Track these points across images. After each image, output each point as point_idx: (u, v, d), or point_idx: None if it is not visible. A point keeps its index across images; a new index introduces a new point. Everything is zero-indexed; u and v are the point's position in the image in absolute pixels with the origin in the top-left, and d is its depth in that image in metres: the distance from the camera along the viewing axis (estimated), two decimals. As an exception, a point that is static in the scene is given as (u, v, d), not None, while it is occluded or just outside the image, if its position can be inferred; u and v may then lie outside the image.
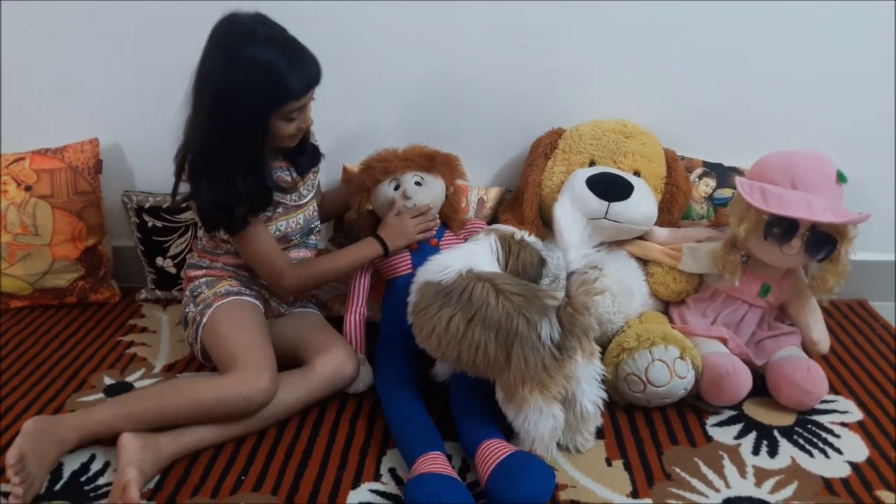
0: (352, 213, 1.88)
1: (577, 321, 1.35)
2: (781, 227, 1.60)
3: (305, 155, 1.70)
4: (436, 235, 1.80)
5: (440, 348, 1.45)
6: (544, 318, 1.35)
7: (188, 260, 1.80)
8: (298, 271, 1.67)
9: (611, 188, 1.73)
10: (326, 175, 1.99)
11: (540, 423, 1.37)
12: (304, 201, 1.73)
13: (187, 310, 1.70)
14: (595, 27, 1.90)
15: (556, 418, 1.38)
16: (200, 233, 1.76)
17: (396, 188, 1.76)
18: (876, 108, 1.95)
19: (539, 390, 1.35)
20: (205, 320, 1.62)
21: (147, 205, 2.05)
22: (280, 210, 1.66)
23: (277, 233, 1.67)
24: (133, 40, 1.94)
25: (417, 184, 1.76)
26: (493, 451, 1.37)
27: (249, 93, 1.44)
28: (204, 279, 1.71)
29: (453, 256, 1.52)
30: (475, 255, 1.53)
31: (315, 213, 1.78)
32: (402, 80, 1.97)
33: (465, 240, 1.85)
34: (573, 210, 1.43)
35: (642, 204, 1.75)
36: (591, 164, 1.83)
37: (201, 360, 1.71)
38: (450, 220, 1.84)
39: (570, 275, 1.36)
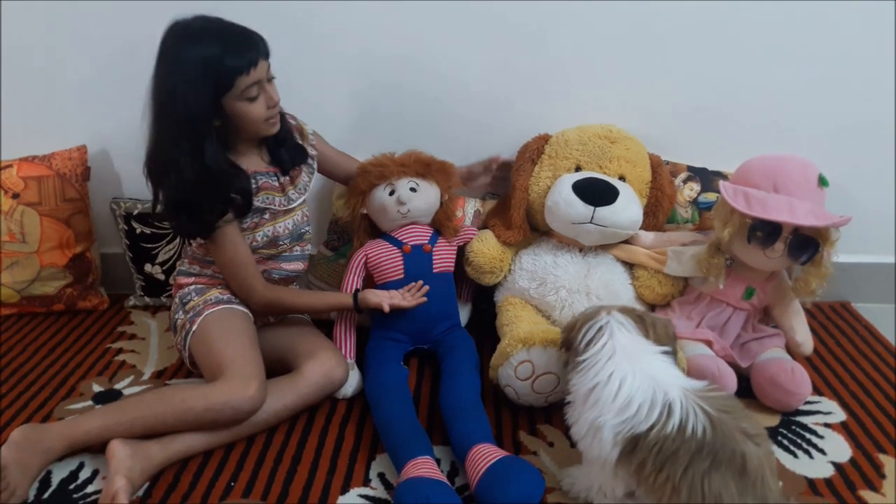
0: (347, 215, 1.89)
1: None
2: (765, 231, 1.62)
3: (286, 148, 1.70)
4: (429, 241, 1.81)
5: (666, 496, 1.20)
6: None
7: (178, 266, 1.80)
8: (269, 295, 1.67)
9: (597, 193, 1.74)
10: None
11: None
12: (294, 205, 1.73)
13: (176, 316, 1.70)
14: (580, 34, 1.91)
15: None
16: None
17: (391, 193, 1.77)
18: (858, 113, 1.97)
19: None
20: (194, 328, 1.62)
21: (135, 212, 2.05)
22: (267, 216, 1.67)
23: (265, 238, 1.68)
24: (121, 47, 1.94)
25: (412, 190, 1.78)
26: (484, 455, 1.39)
27: (189, 88, 1.45)
28: (193, 286, 1.71)
29: (646, 388, 1.22)
30: (656, 368, 1.27)
31: (306, 219, 1.78)
32: (388, 87, 1.98)
33: (459, 247, 1.88)
34: None
35: (628, 208, 1.77)
36: (578, 169, 1.84)
37: (189, 367, 1.71)
38: (443, 228, 1.85)
39: None
